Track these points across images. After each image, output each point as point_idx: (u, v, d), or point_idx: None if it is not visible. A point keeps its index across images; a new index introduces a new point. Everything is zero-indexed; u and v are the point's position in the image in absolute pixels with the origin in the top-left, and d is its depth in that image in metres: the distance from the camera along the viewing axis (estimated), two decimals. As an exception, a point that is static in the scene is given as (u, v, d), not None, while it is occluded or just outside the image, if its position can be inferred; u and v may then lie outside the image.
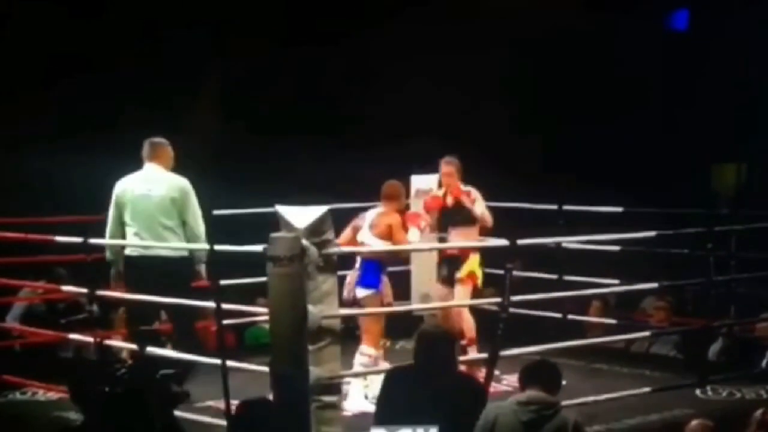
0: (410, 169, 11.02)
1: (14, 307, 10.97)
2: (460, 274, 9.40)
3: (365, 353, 8.58)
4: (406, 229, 8.78)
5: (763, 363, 9.78)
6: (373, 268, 8.64)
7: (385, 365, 8.23)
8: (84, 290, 9.01)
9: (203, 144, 13.85)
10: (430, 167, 10.53)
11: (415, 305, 10.68)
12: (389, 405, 6.37)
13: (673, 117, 13.99)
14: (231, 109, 14.33)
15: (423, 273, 10.83)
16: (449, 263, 9.52)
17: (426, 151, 10.97)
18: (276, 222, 7.20)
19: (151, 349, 8.05)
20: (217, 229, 8.84)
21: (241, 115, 14.10)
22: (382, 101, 14.05)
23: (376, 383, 7.75)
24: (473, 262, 9.39)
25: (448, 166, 9.68)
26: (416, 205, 10.84)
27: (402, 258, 9.90)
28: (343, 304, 8.10)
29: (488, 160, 12.85)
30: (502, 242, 8.26)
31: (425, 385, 6.27)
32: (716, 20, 13.72)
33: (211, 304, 7.88)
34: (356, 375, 8.05)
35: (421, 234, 9.03)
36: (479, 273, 9.40)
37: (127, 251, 8.54)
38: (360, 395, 8.47)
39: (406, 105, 13.89)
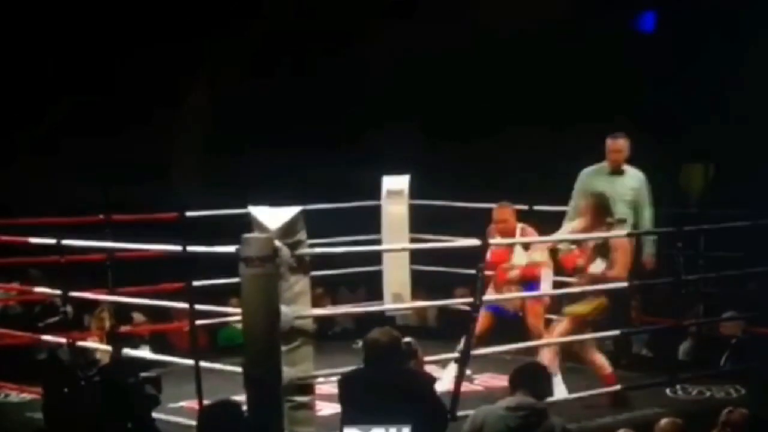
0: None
1: (-12, 308, 10.95)
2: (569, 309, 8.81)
3: None
4: None
5: (722, 361, 9.87)
6: None
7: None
8: (58, 291, 9.02)
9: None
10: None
11: (387, 305, 10.75)
12: (350, 409, 6.43)
13: (641, 117, 14.05)
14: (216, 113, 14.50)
15: (395, 274, 10.90)
16: None
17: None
18: (249, 223, 7.24)
19: (127, 351, 8.08)
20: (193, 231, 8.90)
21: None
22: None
23: None
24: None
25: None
26: (387, 207, 10.92)
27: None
28: None
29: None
30: (474, 242, 8.30)
31: (377, 386, 6.36)
32: (683, 22, 13.79)
33: (184, 305, 7.90)
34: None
35: None
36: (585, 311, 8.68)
37: None
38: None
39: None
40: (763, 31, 12.63)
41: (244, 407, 6.76)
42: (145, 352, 9.17)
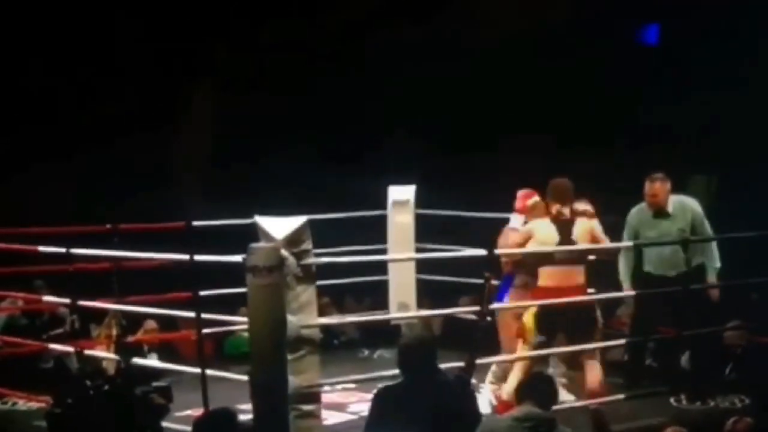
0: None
1: (-5, 318, 10.97)
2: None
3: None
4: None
5: (726, 371, 9.89)
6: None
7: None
8: (66, 300, 9.06)
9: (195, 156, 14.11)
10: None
11: (393, 314, 10.78)
12: (381, 425, 6.24)
13: (643, 129, 14.07)
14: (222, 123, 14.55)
15: (400, 283, 10.92)
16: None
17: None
18: (256, 232, 7.27)
19: (136, 361, 8.12)
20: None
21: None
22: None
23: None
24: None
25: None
26: (393, 217, 10.95)
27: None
28: None
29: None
30: (480, 252, 8.33)
31: (416, 397, 6.18)
32: (687, 35, 13.81)
33: (191, 314, 7.94)
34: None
35: None
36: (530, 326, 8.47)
37: None
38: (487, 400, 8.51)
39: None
40: (764, 41, 12.67)
41: (250, 416, 6.81)
42: (152, 361, 9.21)
